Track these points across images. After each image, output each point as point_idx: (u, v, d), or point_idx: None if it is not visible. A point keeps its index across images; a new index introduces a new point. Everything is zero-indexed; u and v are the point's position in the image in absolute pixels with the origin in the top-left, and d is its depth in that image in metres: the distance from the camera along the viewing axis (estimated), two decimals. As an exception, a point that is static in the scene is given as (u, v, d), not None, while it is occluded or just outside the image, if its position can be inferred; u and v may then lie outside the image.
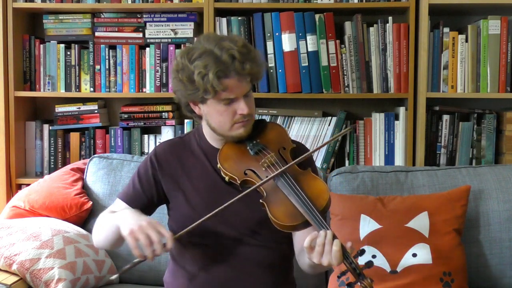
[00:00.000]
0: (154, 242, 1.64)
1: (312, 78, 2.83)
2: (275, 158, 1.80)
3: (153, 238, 1.64)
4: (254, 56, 1.79)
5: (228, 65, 1.73)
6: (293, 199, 1.69)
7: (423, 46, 2.74)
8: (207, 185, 1.87)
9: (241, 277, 1.85)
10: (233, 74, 1.74)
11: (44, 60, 2.97)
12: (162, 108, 2.95)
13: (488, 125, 2.81)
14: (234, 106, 1.78)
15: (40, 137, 3.01)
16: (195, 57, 1.75)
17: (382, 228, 2.29)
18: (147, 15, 2.93)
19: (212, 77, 1.71)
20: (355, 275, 1.60)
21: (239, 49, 1.75)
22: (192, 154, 1.93)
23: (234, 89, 1.76)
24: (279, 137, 1.90)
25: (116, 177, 2.60)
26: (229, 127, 1.81)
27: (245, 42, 1.80)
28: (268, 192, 1.74)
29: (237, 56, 1.74)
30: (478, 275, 2.38)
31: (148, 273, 2.49)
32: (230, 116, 1.79)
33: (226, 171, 1.81)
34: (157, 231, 1.66)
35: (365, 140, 2.88)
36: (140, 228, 1.66)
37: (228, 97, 1.76)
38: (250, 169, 1.80)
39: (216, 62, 1.72)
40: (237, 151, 1.85)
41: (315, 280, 2.41)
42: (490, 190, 2.43)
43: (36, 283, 2.18)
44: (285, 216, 1.68)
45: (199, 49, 1.77)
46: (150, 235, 1.64)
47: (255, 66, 1.78)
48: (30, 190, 2.60)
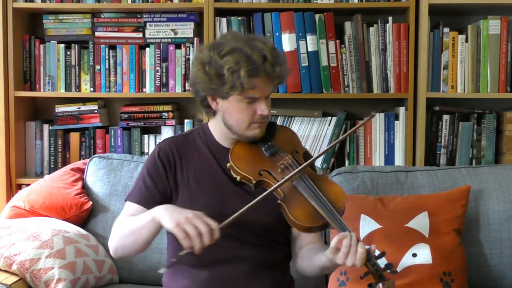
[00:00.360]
0: (202, 233, 1.62)
1: (312, 78, 2.83)
2: (292, 160, 1.81)
3: (201, 229, 1.63)
4: (283, 60, 1.82)
5: (259, 65, 1.74)
6: (313, 201, 1.70)
7: (423, 46, 2.74)
8: (214, 184, 1.87)
9: (241, 277, 1.85)
10: (263, 74, 1.76)
11: (44, 60, 2.97)
12: (162, 108, 2.95)
13: (488, 125, 2.81)
14: (255, 106, 1.79)
15: (40, 137, 3.01)
16: (225, 52, 1.75)
17: (382, 228, 2.29)
18: (147, 15, 2.93)
19: (243, 74, 1.72)
20: (376, 276, 1.62)
21: (270, 50, 1.77)
22: (197, 152, 1.92)
23: (260, 89, 1.77)
24: (291, 141, 1.93)
25: (116, 177, 2.59)
26: (246, 126, 1.82)
27: (274, 45, 1.82)
28: (286, 193, 1.73)
29: (269, 57, 1.76)
30: (478, 275, 2.38)
31: (148, 273, 2.49)
32: (249, 115, 1.80)
33: (239, 171, 1.80)
34: (204, 222, 1.64)
35: (365, 140, 2.88)
36: (187, 219, 1.64)
37: (252, 96, 1.78)
38: (265, 170, 1.80)
39: (248, 60, 1.73)
40: (251, 152, 1.85)
41: (315, 280, 2.41)
42: (490, 190, 2.43)
43: (36, 283, 2.18)
44: (305, 218, 1.69)
45: (227, 45, 1.77)
46: (198, 226, 1.63)
47: (284, 69, 1.81)
48: (30, 190, 2.60)
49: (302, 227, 1.69)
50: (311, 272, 1.84)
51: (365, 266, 1.63)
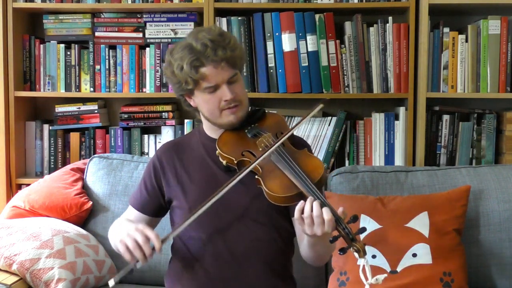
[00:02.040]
0: (141, 244, 1.70)
1: (312, 78, 2.83)
2: (272, 138, 1.84)
3: (139, 241, 1.70)
4: (228, 42, 1.83)
5: (201, 54, 1.79)
6: (288, 172, 1.72)
7: (423, 46, 2.74)
8: (205, 177, 1.91)
9: (241, 274, 1.86)
10: (207, 62, 1.79)
11: (44, 60, 2.97)
12: (162, 108, 2.95)
13: (488, 125, 2.81)
14: (218, 94, 1.83)
15: (40, 137, 3.01)
16: (174, 52, 1.84)
17: (382, 228, 2.29)
18: (147, 15, 2.93)
19: (187, 68, 1.79)
20: (347, 240, 1.61)
21: (213, 37, 1.80)
22: (191, 149, 1.97)
23: (212, 77, 1.81)
24: (276, 124, 1.95)
25: (116, 177, 2.60)
26: (218, 114, 1.86)
27: (222, 31, 1.86)
28: (264, 168, 1.77)
29: (208, 44, 1.79)
30: (478, 275, 2.38)
31: (148, 273, 2.49)
32: (216, 103, 1.84)
33: (224, 155, 1.84)
34: (143, 234, 1.71)
35: (365, 140, 2.88)
36: (127, 235, 1.73)
37: (208, 85, 1.82)
38: (248, 150, 1.84)
39: (191, 53, 1.79)
40: (236, 136, 1.89)
41: (315, 280, 2.42)
42: (490, 190, 2.43)
43: (36, 283, 2.18)
44: (280, 188, 1.71)
45: (180, 44, 1.84)
46: (136, 239, 1.70)
47: (229, 51, 1.81)
48: (30, 190, 2.60)
49: (277, 198, 1.71)
50: (308, 256, 1.87)
51: (336, 230, 1.62)
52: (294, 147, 1.85)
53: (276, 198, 1.71)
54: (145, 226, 1.75)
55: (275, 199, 1.72)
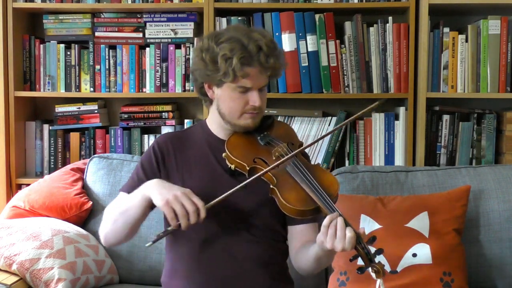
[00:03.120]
0: (189, 212, 1.67)
1: (312, 78, 2.83)
2: (287, 148, 1.83)
3: (188, 208, 1.67)
4: (279, 53, 1.84)
5: (253, 54, 1.78)
6: (305, 185, 1.71)
7: (423, 46, 2.74)
8: (208, 175, 1.89)
9: (238, 275, 1.85)
10: (256, 64, 1.79)
11: (44, 60, 2.97)
12: (162, 108, 2.95)
13: (488, 125, 2.81)
14: (247, 96, 1.82)
15: (40, 137, 3.01)
16: (222, 40, 1.80)
17: (382, 228, 2.29)
18: (147, 15, 2.93)
19: (236, 62, 1.76)
20: (366, 260, 1.62)
21: (267, 42, 1.80)
22: (194, 145, 1.95)
23: (253, 79, 1.80)
24: (287, 133, 1.95)
25: (116, 177, 2.60)
26: (238, 115, 1.85)
27: (273, 38, 1.86)
28: (279, 178, 1.75)
29: (264, 48, 1.79)
30: (478, 275, 2.38)
31: (148, 273, 2.49)
32: (241, 104, 1.83)
33: (234, 158, 1.82)
34: (192, 201, 1.68)
35: (365, 140, 2.88)
36: (175, 197, 1.68)
37: (244, 85, 1.80)
38: (260, 157, 1.82)
39: (242, 49, 1.78)
40: (246, 141, 1.88)
41: (315, 280, 2.41)
42: (490, 190, 2.43)
43: (36, 283, 2.18)
44: (297, 201, 1.70)
45: (227, 34, 1.82)
46: (185, 205, 1.67)
47: (278, 62, 1.83)
48: (30, 190, 2.60)
49: (294, 210, 1.70)
50: (308, 267, 1.85)
51: (355, 249, 1.63)
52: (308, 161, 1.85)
53: (291, 210, 1.70)
54: (191, 192, 1.71)
55: (290, 211, 1.70)
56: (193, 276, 1.86)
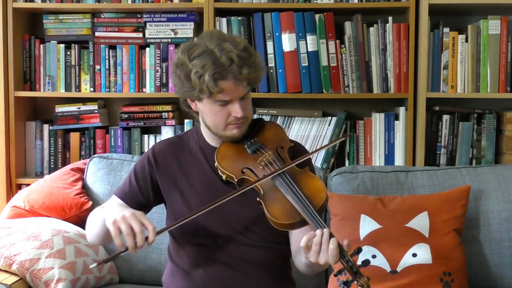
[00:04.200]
0: (136, 233, 1.63)
1: (312, 78, 2.83)
2: (273, 156, 1.80)
3: (135, 229, 1.63)
4: (253, 61, 1.77)
5: (225, 68, 1.72)
6: (290, 198, 1.68)
7: (423, 46, 2.74)
8: (205, 185, 1.87)
9: (239, 278, 1.85)
10: (229, 77, 1.73)
11: (44, 60, 2.97)
12: (162, 108, 2.95)
13: (488, 125, 2.81)
14: (229, 108, 1.78)
15: (40, 137, 3.01)
16: (194, 56, 1.75)
17: (382, 228, 2.29)
18: (147, 15, 2.93)
19: (208, 79, 1.71)
20: (351, 273, 1.58)
21: (239, 52, 1.74)
22: (190, 152, 1.93)
23: (229, 92, 1.75)
24: (276, 136, 1.90)
25: (116, 177, 2.60)
26: (223, 127, 1.82)
27: (246, 45, 1.79)
28: (266, 190, 1.73)
29: (235, 60, 1.72)
30: (478, 275, 2.38)
31: (147, 273, 2.49)
32: (224, 117, 1.79)
33: (223, 170, 1.80)
34: (140, 222, 1.65)
35: (365, 140, 2.88)
36: (123, 218, 1.65)
37: (223, 99, 1.76)
38: (248, 167, 1.80)
39: (214, 63, 1.72)
40: (235, 150, 1.85)
41: (315, 280, 2.41)
42: (490, 190, 2.43)
43: (36, 283, 2.18)
44: (282, 215, 1.68)
45: (200, 47, 1.76)
46: (132, 226, 1.64)
47: (253, 71, 1.76)
48: (30, 190, 2.60)
49: (280, 224, 1.68)
50: (305, 270, 1.84)
51: (340, 262, 1.59)
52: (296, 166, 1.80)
53: (277, 224, 1.68)
54: (143, 214, 1.68)
55: (276, 224, 1.68)
56: (194, 278, 1.86)
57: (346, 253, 1.59)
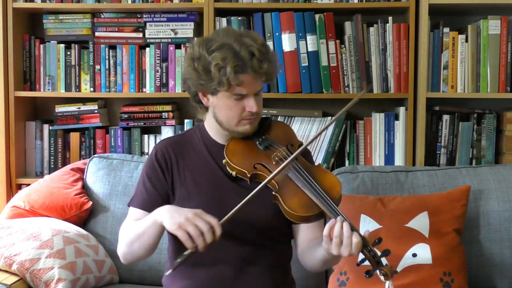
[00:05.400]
0: (204, 232, 1.64)
1: (312, 78, 2.83)
2: (286, 152, 1.81)
3: (203, 228, 1.64)
4: (271, 56, 1.81)
5: (246, 61, 1.75)
6: (307, 190, 1.69)
7: (423, 46, 2.74)
8: (211, 182, 1.88)
9: (240, 278, 1.85)
10: (249, 71, 1.76)
11: (44, 60, 2.97)
12: (162, 108, 2.95)
13: (488, 125, 2.81)
14: (243, 103, 1.80)
15: (40, 137, 3.01)
16: (213, 49, 1.76)
17: (382, 228, 2.29)
18: (147, 15, 2.93)
19: (230, 71, 1.73)
20: (373, 263, 1.61)
21: (259, 47, 1.77)
22: (194, 150, 1.93)
23: (248, 86, 1.77)
24: (286, 134, 1.92)
25: (116, 177, 2.60)
26: (236, 122, 1.82)
27: (264, 42, 1.82)
28: (281, 184, 1.74)
29: (256, 54, 1.75)
30: (478, 275, 2.38)
31: (148, 273, 2.49)
32: (238, 111, 1.81)
33: (234, 165, 1.81)
34: (205, 220, 1.66)
35: (365, 140, 2.88)
36: (187, 220, 1.66)
37: (240, 93, 1.78)
38: (260, 163, 1.80)
39: (235, 56, 1.74)
40: (245, 146, 1.86)
41: (315, 280, 2.41)
42: (490, 190, 2.43)
43: (36, 283, 2.18)
44: (300, 207, 1.68)
45: (217, 41, 1.78)
46: (199, 225, 1.64)
47: (272, 66, 1.80)
48: (30, 190, 2.60)
49: (298, 217, 1.69)
50: (314, 266, 1.84)
51: (362, 253, 1.61)
52: (307, 161, 1.83)
53: (295, 216, 1.68)
54: (202, 212, 1.68)
55: (293, 217, 1.69)
56: (195, 277, 1.86)
57: (368, 244, 1.61)
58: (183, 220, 1.66)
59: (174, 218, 1.68)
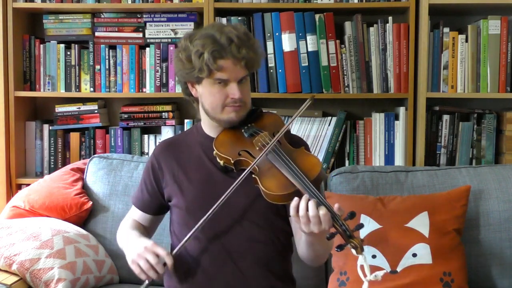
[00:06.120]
0: (153, 265, 1.76)
1: (312, 78, 2.83)
2: (269, 137, 1.84)
3: (151, 261, 1.76)
4: (252, 44, 1.86)
5: (224, 47, 1.80)
6: (284, 170, 1.73)
7: (423, 46, 2.74)
8: (203, 176, 1.91)
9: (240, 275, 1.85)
10: (228, 56, 1.80)
11: (44, 60, 2.97)
12: (162, 108, 2.95)
13: (488, 125, 2.81)
14: (226, 89, 1.84)
15: (40, 137, 3.01)
16: (195, 38, 1.84)
17: (382, 228, 2.29)
18: (147, 15, 2.93)
19: (207, 56, 1.79)
20: (345, 237, 1.62)
21: (239, 34, 1.83)
22: (188, 148, 1.98)
23: (227, 71, 1.81)
24: (273, 123, 1.95)
25: (116, 177, 2.60)
26: (221, 109, 1.86)
27: (247, 31, 1.87)
28: (261, 167, 1.78)
29: (235, 40, 1.81)
30: (478, 275, 2.38)
31: (148, 273, 2.48)
32: (222, 98, 1.84)
33: (221, 155, 1.84)
34: (154, 253, 1.77)
35: (365, 140, 2.88)
36: (138, 255, 1.79)
37: (221, 78, 1.82)
38: (244, 149, 1.84)
39: (214, 42, 1.80)
40: (232, 136, 1.89)
41: (315, 280, 2.42)
42: (490, 190, 2.43)
43: (36, 283, 2.18)
44: (277, 187, 1.72)
45: (201, 32, 1.86)
46: (148, 259, 1.77)
47: (251, 52, 1.84)
48: (30, 190, 2.60)
49: (274, 196, 1.71)
50: (306, 256, 1.86)
51: (334, 227, 1.62)
52: (291, 146, 1.86)
53: (273, 196, 1.72)
54: (154, 244, 1.80)
55: (272, 198, 1.72)
56: (194, 275, 1.87)
57: (339, 217, 1.63)
58: (135, 256, 1.80)
59: (130, 254, 1.83)
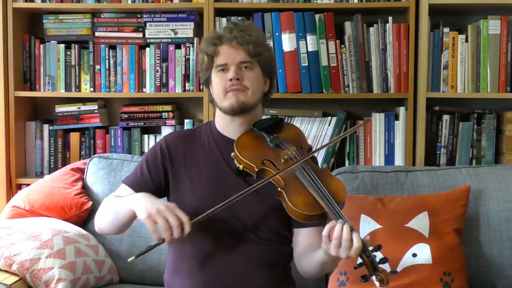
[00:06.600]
0: (172, 226, 1.65)
1: (312, 78, 2.83)
2: (297, 152, 1.83)
3: (172, 222, 1.66)
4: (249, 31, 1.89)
5: (222, 36, 1.88)
6: (313, 190, 1.71)
7: (423, 46, 2.74)
8: (216, 176, 1.89)
9: (241, 275, 1.85)
10: (224, 41, 1.87)
11: (44, 60, 2.97)
12: (162, 108, 2.95)
13: (488, 125, 2.81)
14: (227, 75, 1.87)
15: (40, 137, 3.01)
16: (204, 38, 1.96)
17: (382, 228, 2.29)
18: (147, 15, 2.93)
19: (205, 45, 1.89)
20: (371, 268, 1.61)
21: (239, 23, 1.91)
22: (202, 144, 1.96)
23: (225, 55, 1.86)
24: (297, 136, 1.95)
25: (116, 177, 2.60)
26: (223, 95, 1.88)
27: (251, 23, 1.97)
28: (287, 182, 1.75)
29: (230, 26, 1.90)
30: (478, 275, 2.38)
31: (148, 273, 2.49)
32: (223, 83, 1.87)
33: (243, 159, 1.82)
34: (175, 215, 1.67)
35: (365, 140, 2.88)
36: (158, 211, 1.67)
37: (219, 63, 1.87)
38: (269, 159, 1.82)
39: (214, 34, 1.90)
40: (256, 142, 1.88)
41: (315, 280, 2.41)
42: (490, 190, 2.43)
43: (36, 283, 2.18)
44: (304, 205, 1.70)
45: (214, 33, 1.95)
46: (168, 219, 1.66)
47: (246, 35, 1.87)
48: (30, 190, 2.60)
49: (300, 214, 1.69)
50: (311, 271, 1.84)
51: (360, 257, 1.62)
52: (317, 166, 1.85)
53: (298, 214, 1.69)
54: (176, 206, 1.70)
55: (296, 215, 1.70)
56: (196, 275, 1.86)
57: (367, 249, 1.61)
58: (154, 211, 1.68)
59: (146, 207, 1.70)
